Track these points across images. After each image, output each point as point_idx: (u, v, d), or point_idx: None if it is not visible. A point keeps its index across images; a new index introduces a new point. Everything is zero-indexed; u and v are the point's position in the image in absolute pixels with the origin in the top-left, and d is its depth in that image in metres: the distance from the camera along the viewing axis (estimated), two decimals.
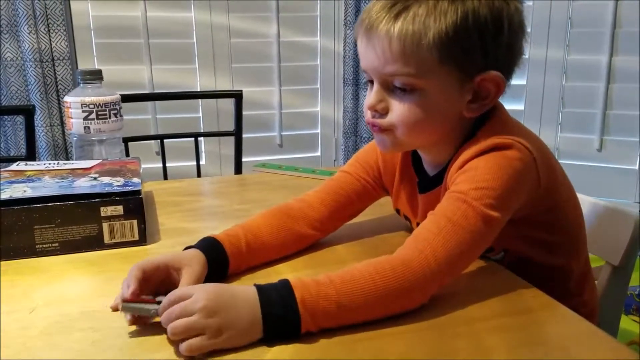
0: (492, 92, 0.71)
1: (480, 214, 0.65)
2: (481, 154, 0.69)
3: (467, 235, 0.65)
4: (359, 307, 0.60)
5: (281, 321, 0.58)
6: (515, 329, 0.61)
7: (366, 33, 0.71)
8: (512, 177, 0.67)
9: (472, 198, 0.66)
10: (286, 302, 0.58)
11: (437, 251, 0.64)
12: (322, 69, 2.44)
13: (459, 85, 0.69)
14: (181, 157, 1.94)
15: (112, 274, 0.77)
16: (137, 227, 0.86)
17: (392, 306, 0.62)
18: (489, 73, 0.69)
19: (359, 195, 0.88)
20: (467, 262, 0.68)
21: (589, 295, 0.86)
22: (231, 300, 0.58)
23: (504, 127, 0.73)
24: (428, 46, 0.66)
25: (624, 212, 0.92)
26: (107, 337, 0.60)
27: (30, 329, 0.62)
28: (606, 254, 0.93)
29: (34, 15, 1.95)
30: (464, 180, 0.68)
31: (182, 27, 2.24)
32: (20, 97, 2.02)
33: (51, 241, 0.82)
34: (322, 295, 0.59)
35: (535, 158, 0.70)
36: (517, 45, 0.72)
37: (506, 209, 0.68)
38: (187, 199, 1.15)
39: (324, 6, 2.38)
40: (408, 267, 0.62)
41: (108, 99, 1.11)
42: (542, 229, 0.78)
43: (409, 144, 0.77)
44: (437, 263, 0.63)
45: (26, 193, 0.82)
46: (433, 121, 0.72)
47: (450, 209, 0.67)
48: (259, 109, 2.38)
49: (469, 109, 0.72)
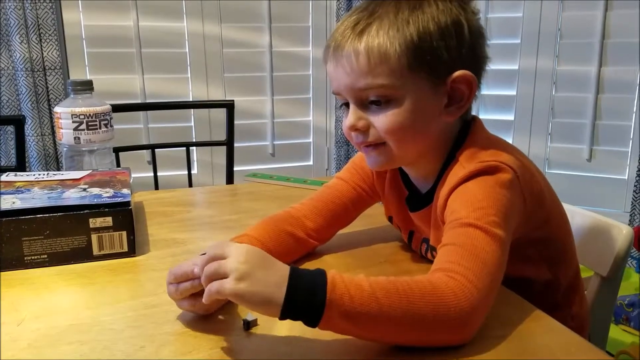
0: (466, 93, 0.72)
1: (487, 232, 0.64)
2: (466, 180, 0.69)
3: (487, 255, 0.62)
4: (392, 308, 0.56)
5: (305, 298, 0.55)
6: (503, 340, 0.61)
7: (334, 54, 0.72)
8: (504, 197, 0.67)
9: (474, 219, 0.65)
10: (315, 280, 0.56)
11: (470, 278, 0.59)
12: (314, 79, 2.45)
13: (433, 89, 0.71)
14: (173, 166, 1.94)
15: (101, 285, 0.77)
16: (127, 238, 0.85)
17: (428, 333, 0.58)
18: (459, 72, 0.70)
19: (354, 203, 0.89)
20: (497, 285, 0.63)
21: (577, 308, 0.85)
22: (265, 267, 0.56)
23: (484, 144, 0.74)
24: (395, 55, 0.68)
25: (612, 222, 0.93)
26: (95, 349, 0.60)
27: (18, 342, 0.62)
28: (595, 265, 0.93)
29: (25, 24, 1.95)
30: (460, 206, 0.68)
31: (174, 37, 2.24)
32: (12, 106, 2.02)
33: (40, 253, 0.82)
34: (353, 285, 0.56)
35: (518, 176, 0.70)
36: (480, 49, 0.74)
37: (507, 227, 0.66)
38: (178, 209, 1.14)
39: (316, 17, 2.39)
40: (454, 295, 0.58)
41: (98, 110, 1.10)
42: (533, 247, 0.77)
43: (401, 157, 0.76)
44: (477, 290, 0.59)
45: (15, 204, 0.82)
46: (416, 128, 0.72)
47: (460, 237, 0.64)
48: (251, 118, 2.39)
49: (447, 112, 0.73)
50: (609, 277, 0.91)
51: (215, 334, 0.63)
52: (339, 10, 2.31)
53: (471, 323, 0.59)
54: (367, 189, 0.89)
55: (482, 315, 0.60)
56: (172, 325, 0.65)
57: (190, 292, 0.63)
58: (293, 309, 0.55)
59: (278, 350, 0.59)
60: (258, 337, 0.62)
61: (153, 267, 0.83)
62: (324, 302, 0.54)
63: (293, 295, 0.54)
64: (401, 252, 0.88)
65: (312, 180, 1.32)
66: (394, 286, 0.57)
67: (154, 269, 0.82)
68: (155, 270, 0.82)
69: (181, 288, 0.63)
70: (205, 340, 0.61)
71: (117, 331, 0.64)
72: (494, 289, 0.62)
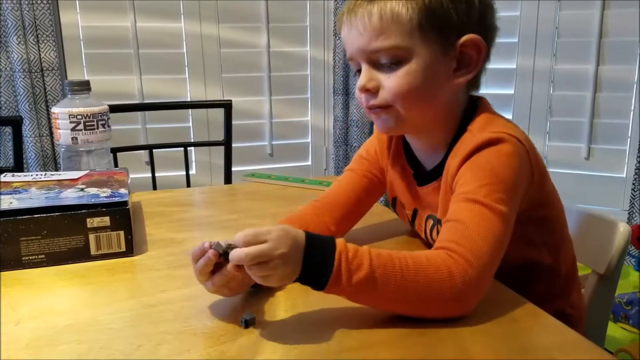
0: (474, 57, 0.74)
1: (492, 209, 0.66)
2: (478, 149, 0.71)
3: (488, 233, 0.65)
4: (387, 285, 0.61)
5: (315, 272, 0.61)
6: (500, 337, 0.61)
7: (347, 19, 0.75)
8: (512, 171, 0.70)
9: (481, 196, 0.67)
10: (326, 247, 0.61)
11: (468, 257, 0.63)
12: (312, 79, 2.45)
13: (442, 52, 0.73)
14: (171, 167, 1.94)
15: (98, 285, 0.77)
16: (124, 238, 0.85)
17: (422, 299, 0.62)
18: (468, 36, 0.72)
19: (367, 192, 0.91)
20: (497, 262, 0.67)
21: (576, 298, 0.87)
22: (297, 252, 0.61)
23: (493, 119, 0.76)
24: (407, 16, 0.70)
25: (610, 220, 0.93)
26: (93, 349, 0.60)
27: (16, 342, 0.61)
28: (592, 263, 0.93)
29: (23, 25, 1.95)
30: (469, 179, 0.70)
31: (172, 37, 2.24)
32: (9, 107, 2.02)
33: (37, 253, 0.82)
34: (358, 256, 0.61)
35: (527, 150, 0.73)
36: (489, 18, 0.76)
37: (513, 203, 0.69)
38: (176, 209, 1.14)
39: (314, 17, 2.39)
40: (450, 273, 0.62)
41: (96, 110, 1.10)
42: (533, 226, 0.79)
43: (410, 121, 0.77)
44: (473, 268, 0.62)
45: (12, 205, 0.82)
46: (425, 90, 0.74)
47: (464, 212, 0.67)
48: (249, 118, 2.39)
49: (455, 77, 0.74)
50: (607, 274, 0.91)
51: (213, 332, 0.63)
52: (336, 10, 2.31)
53: (466, 299, 0.63)
54: (377, 173, 0.91)
55: (478, 291, 0.64)
56: (169, 324, 0.65)
57: (208, 270, 0.65)
58: (304, 279, 0.61)
59: (276, 349, 0.59)
60: (256, 336, 0.62)
61: (151, 267, 0.83)
62: (328, 278, 0.60)
63: (306, 270, 0.61)
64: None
65: (311, 179, 1.32)
66: (392, 262, 0.62)
67: (151, 268, 0.82)
68: (152, 270, 0.82)
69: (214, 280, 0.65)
70: (203, 339, 0.61)
71: (114, 331, 0.64)
72: (494, 265, 0.66)
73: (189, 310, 0.68)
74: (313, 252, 0.61)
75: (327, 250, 0.61)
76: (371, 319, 0.65)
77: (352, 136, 2.41)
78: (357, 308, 0.67)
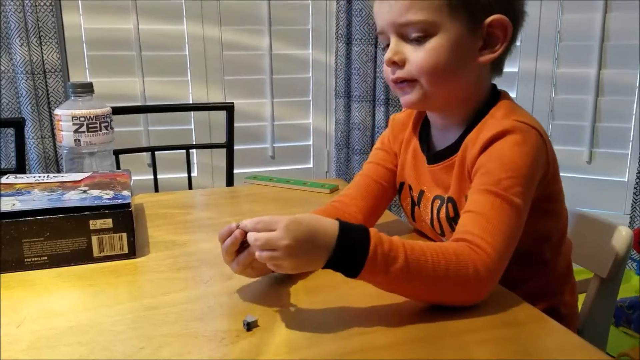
0: (500, 37, 0.76)
1: (511, 203, 0.69)
2: (501, 135, 0.73)
3: (507, 228, 0.69)
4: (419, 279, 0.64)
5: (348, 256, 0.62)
6: (503, 342, 0.61)
7: None
8: (532, 163, 0.72)
9: (502, 189, 0.70)
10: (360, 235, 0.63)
11: (489, 252, 0.66)
12: (314, 82, 2.45)
13: (470, 30, 0.75)
14: (173, 169, 1.94)
15: (100, 287, 0.77)
16: (127, 240, 0.85)
17: (449, 291, 0.66)
18: (496, 16, 0.74)
19: (388, 181, 0.94)
20: (510, 255, 0.70)
21: (569, 298, 0.88)
22: (311, 243, 0.62)
23: (516, 108, 0.79)
24: None
25: (612, 224, 0.93)
26: (94, 351, 0.60)
27: (17, 343, 0.61)
28: (594, 266, 0.93)
29: (25, 27, 1.95)
30: (491, 168, 0.72)
31: (174, 39, 2.24)
32: (12, 109, 2.02)
33: (40, 254, 0.82)
34: (393, 248, 0.63)
35: (546, 143, 0.75)
36: (518, 1, 0.78)
37: (529, 195, 0.72)
38: (178, 211, 1.14)
39: (316, 20, 2.39)
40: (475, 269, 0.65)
41: (99, 112, 1.11)
42: (540, 218, 0.80)
43: (434, 98, 0.79)
44: (494, 258, 0.66)
45: (15, 206, 0.82)
46: (450, 66, 0.75)
47: (485, 205, 0.70)
48: (251, 120, 2.39)
49: (481, 55, 0.77)
50: (609, 278, 0.91)
51: (215, 335, 0.63)
52: (338, 13, 2.31)
53: (484, 290, 0.67)
54: (392, 160, 0.94)
55: (493, 283, 0.68)
56: (171, 326, 0.65)
57: (234, 249, 0.68)
58: (335, 265, 0.63)
59: (278, 352, 0.59)
60: (258, 338, 0.62)
61: (153, 269, 0.83)
62: (362, 266, 0.62)
63: (338, 257, 0.62)
64: None
65: (313, 182, 1.32)
66: (424, 257, 0.64)
67: (153, 270, 0.82)
68: (155, 272, 0.82)
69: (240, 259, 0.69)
70: (205, 342, 0.61)
71: (116, 332, 0.64)
72: (508, 258, 0.69)
73: (191, 313, 0.68)
74: (346, 239, 0.62)
75: (361, 239, 0.63)
76: (374, 322, 0.65)
77: (354, 139, 2.41)
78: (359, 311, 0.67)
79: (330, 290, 0.74)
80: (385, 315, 0.66)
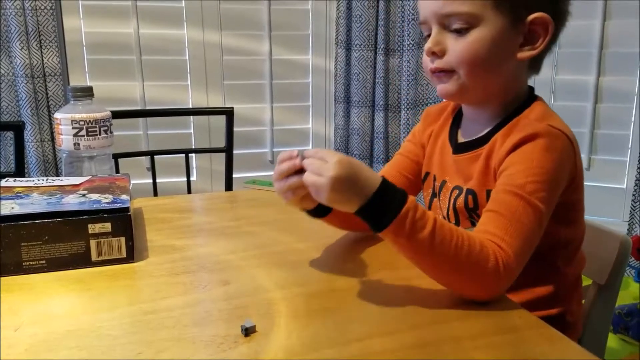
0: (542, 35, 0.76)
1: (535, 208, 0.70)
2: (533, 137, 0.73)
3: (529, 232, 0.70)
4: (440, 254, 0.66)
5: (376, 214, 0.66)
6: (502, 348, 0.61)
7: None
8: (559, 169, 0.73)
9: (528, 193, 0.71)
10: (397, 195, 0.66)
11: (511, 254, 0.68)
12: (313, 87, 2.45)
13: (511, 26, 0.75)
14: (172, 173, 1.94)
15: (99, 291, 0.77)
16: (125, 244, 0.85)
17: (464, 276, 0.67)
18: (538, 14, 0.75)
19: (414, 173, 0.95)
20: (530, 253, 0.71)
21: (576, 307, 0.88)
22: (353, 184, 0.66)
23: (551, 113, 0.80)
24: None
25: (610, 231, 0.93)
26: (93, 355, 0.60)
27: (15, 347, 0.61)
28: (593, 273, 0.94)
29: (26, 31, 1.96)
30: (518, 169, 0.73)
31: (174, 44, 2.25)
32: (11, 112, 2.02)
33: (38, 258, 0.82)
34: (424, 218, 0.66)
35: (575, 149, 0.76)
36: (562, 1, 0.78)
37: (552, 201, 0.73)
38: (177, 215, 1.14)
39: (316, 25, 2.40)
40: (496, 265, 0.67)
41: (98, 116, 1.11)
42: (559, 223, 0.80)
43: (471, 90, 0.79)
44: (514, 259, 0.68)
45: (14, 210, 0.82)
46: (489, 59, 0.76)
47: (509, 207, 0.71)
48: (250, 125, 2.39)
49: (521, 51, 0.77)
50: (607, 285, 0.91)
51: (213, 340, 0.62)
52: (338, 19, 2.32)
53: (500, 289, 0.69)
54: (418, 153, 0.95)
55: (511, 280, 0.69)
56: (169, 331, 0.65)
57: (289, 172, 0.73)
58: (366, 214, 0.66)
59: (276, 357, 0.59)
60: (256, 344, 0.62)
61: (151, 273, 0.83)
62: (390, 222, 0.65)
63: (371, 206, 0.66)
64: (401, 259, 0.88)
65: None
66: (451, 236, 0.66)
67: (152, 275, 0.82)
68: (153, 276, 0.82)
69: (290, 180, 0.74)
70: (203, 347, 0.61)
71: (115, 337, 0.64)
72: (527, 259, 0.71)
73: (190, 318, 0.68)
74: (384, 194, 0.66)
75: (397, 198, 0.66)
76: (373, 327, 0.65)
77: (353, 144, 2.41)
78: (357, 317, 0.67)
79: (329, 296, 0.74)
80: (383, 321, 0.66)
